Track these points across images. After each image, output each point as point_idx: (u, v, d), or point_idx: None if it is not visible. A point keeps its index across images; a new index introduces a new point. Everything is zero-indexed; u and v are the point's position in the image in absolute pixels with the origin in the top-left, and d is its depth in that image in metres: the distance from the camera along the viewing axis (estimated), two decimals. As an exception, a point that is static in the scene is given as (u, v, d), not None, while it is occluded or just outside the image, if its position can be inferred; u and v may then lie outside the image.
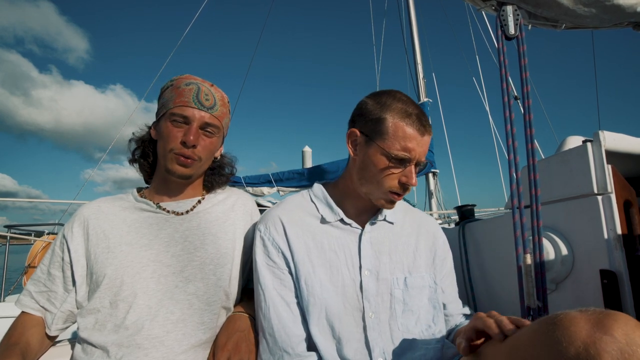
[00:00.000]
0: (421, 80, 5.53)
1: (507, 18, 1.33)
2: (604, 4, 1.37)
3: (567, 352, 0.48)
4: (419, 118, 0.93)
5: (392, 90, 1.00)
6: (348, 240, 0.99)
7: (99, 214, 1.03)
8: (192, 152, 1.01)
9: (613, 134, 1.28)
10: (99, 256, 0.96)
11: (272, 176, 5.12)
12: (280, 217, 0.99)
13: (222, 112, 1.08)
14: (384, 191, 0.95)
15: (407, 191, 0.96)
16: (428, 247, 1.07)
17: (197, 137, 1.02)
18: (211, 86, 1.08)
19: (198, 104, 1.02)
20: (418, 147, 0.92)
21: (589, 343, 0.47)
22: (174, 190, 1.09)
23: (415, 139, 0.92)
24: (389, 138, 0.92)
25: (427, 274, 1.03)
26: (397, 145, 0.91)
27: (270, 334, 0.91)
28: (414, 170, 0.93)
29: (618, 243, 1.18)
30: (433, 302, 1.01)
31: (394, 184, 0.94)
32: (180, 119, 1.01)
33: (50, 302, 0.98)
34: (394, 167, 0.93)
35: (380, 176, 0.94)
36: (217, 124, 1.06)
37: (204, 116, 1.03)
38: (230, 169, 1.21)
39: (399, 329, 0.95)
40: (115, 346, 0.88)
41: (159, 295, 0.93)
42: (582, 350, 0.47)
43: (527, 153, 1.22)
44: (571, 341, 0.48)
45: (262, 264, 0.97)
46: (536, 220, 1.19)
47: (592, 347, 0.46)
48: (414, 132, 0.91)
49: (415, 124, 0.92)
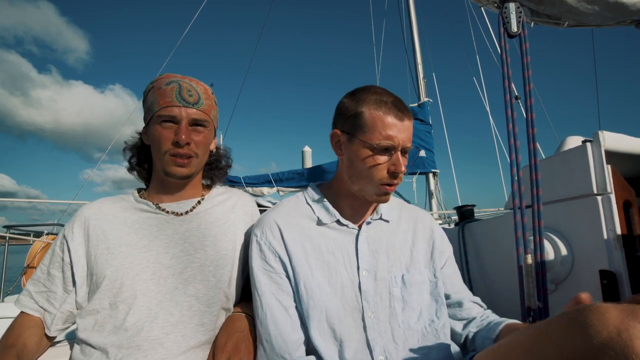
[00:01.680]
0: (421, 80, 5.52)
1: (509, 15, 1.32)
2: (608, 2, 1.37)
3: (600, 336, 0.51)
4: (395, 105, 0.93)
5: (367, 85, 1.00)
6: (345, 241, 0.99)
7: (100, 215, 1.02)
8: (187, 150, 1.01)
9: (612, 134, 1.28)
10: (99, 257, 0.96)
11: (272, 176, 5.12)
12: (277, 221, 0.99)
13: (207, 105, 1.07)
14: (375, 184, 0.94)
15: (397, 180, 0.94)
16: (426, 241, 1.07)
17: (188, 134, 1.01)
18: (191, 81, 1.06)
19: (183, 102, 1.01)
20: (400, 134, 0.92)
21: (622, 329, 0.50)
22: (173, 191, 1.09)
23: (395, 126, 0.92)
24: (369, 130, 0.92)
25: (426, 269, 1.03)
26: (378, 135, 0.91)
27: (267, 340, 0.91)
28: (400, 156, 0.93)
29: (618, 243, 1.18)
30: (435, 296, 1.01)
31: (383, 175, 0.93)
32: (168, 119, 1.00)
33: (49, 302, 0.98)
34: (380, 158, 0.93)
35: (368, 170, 0.94)
36: (206, 118, 1.05)
37: (191, 112, 1.02)
38: (227, 161, 1.21)
39: (399, 327, 0.94)
40: (115, 347, 0.88)
41: (159, 297, 0.93)
42: (615, 334, 0.50)
43: (529, 153, 1.22)
44: (605, 326, 0.51)
45: (259, 269, 0.96)
46: (537, 221, 1.18)
47: (624, 333, 0.49)
48: (393, 118, 0.92)
49: (392, 110, 0.92)
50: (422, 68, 5.62)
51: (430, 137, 4.99)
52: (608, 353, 0.50)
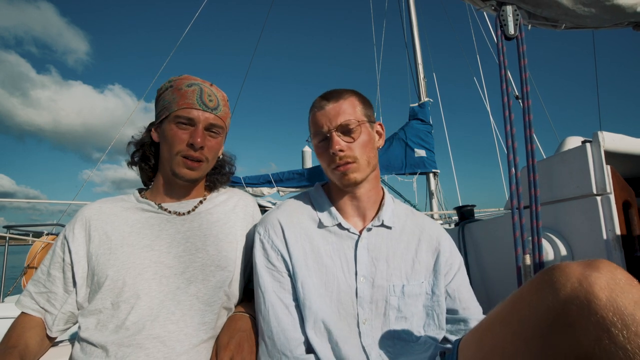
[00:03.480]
0: (422, 80, 5.52)
1: (506, 18, 1.33)
2: (604, 4, 1.37)
3: (565, 288, 0.59)
4: (320, 99, 1.02)
5: None
6: (344, 246, 0.99)
7: (101, 215, 1.03)
8: (200, 153, 1.02)
9: (612, 134, 1.28)
10: (101, 257, 0.96)
11: (272, 176, 5.12)
12: (280, 220, 1.00)
13: (224, 112, 1.10)
14: (331, 172, 1.00)
15: (344, 160, 0.97)
16: (430, 253, 1.05)
17: (203, 138, 1.02)
18: (211, 86, 1.08)
19: (203, 106, 1.03)
20: (325, 118, 0.98)
21: (581, 279, 0.58)
22: (177, 192, 1.09)
23: (320, 115, 0.99)
24: (311, 133, 1.04)
25: (426, 281, 1.02)
26: (313, 133, 1.02)
27: (269, 337, 0.92)
28: (335, 137, 0.97)
29: (617, 244, 1.18)
30: (427, 309, 1.00)
31: (332, 159, 0.98)
32: (186, 120, 1.02)
33: (50, 303, 0.98)
34: (322, 149, 1.01)
35: (323, 163, 1.03)
36: (222, 124, 1.08)
37: (209, 117, 1.04)
38: (229, 167, 1.22)
39: (391, 336, 0.95)
40: (115, 345, 0.88)
41: (161, 296, 0.93)
42: (577, 284, 0.58)
43: (527, 154, 1.22)
44: (568, 278, 0.59)
45: (262, 267, 0.97)
46: (535, 221, 1.18)
47: (584, 281, 0.57)
48: (316, 111, 1.01)
49: (316, 105, 1.02)
50: (423, 68, 5.62)
51: (430, 137, 4.99)
52: (574, 302, 0.58)
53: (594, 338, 0.55)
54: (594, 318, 0.55)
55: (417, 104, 5.18)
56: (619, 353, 0.53)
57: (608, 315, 0.54)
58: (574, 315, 0.57)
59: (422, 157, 4.90)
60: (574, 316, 0.57)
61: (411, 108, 5.13)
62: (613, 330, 0.54)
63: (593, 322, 0.55)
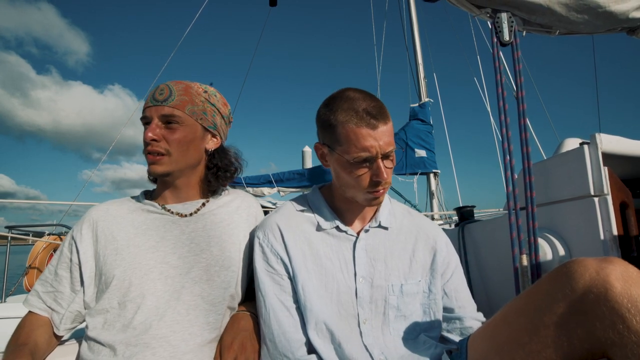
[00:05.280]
0: (422, 81, 5.51)
1: (501, 25, 1.34)
2: (597, 11, 1.38)
3: (583, 278, 0.65)
4: (367, 112, 0.89)
5: (343, 89, 0.97)
6: (343, 248, 1.00)
7: (107, 216, 1.04)
8: (156, 147, 1.01)
9: (609, 136, 1.29)
10: (108, 258, 0.98)
11: (273, 176, 5.13)
12: (278, 224, 1.01)
13: (181, 100, 1.04)
14: (363, 192, 0.94)
15: (384, 185, 0.93)
16: (427, 251, 1.06)
17: (154, 131, 1.01)
18: (173, 82, 1.07)
19: (153, 101, 1.04)
20: (376, 142, 0.89)
21: (598, 270, 0.64)
22: (173, 192, 1.10)
23: (370, 135, 0.89)
24: (345, 144, 0.91)
25: (423, 280, 1.03)
26: (353, 148, 0.90)
27: (270, 340, 0.93)
28: (381, 164, 0.91)
29: (614, 244, 1.19)
30: (424, 308, 1.01)
31: (367, 184, 0.93)
32: (145, 120, 1.04)
33: (57, 302, 1.00)
34: (361, 169, 0.92)
35: (352, 181, 0.94)
36: (176, 113, 1.03)
37: (159, 109, 1.03)
38: (228, 165, 1.16)
39: (391, 334, 0.97)
40: (123, 345, 0.90)
41: (166, 296, 0.95)
42: (595, 274, 0.64)
43: (522, 156, 1.24)
44: (586, 269, 0.65)
45: (262, 271, 0.99)
46: (532, 222, 1.20)
47: (602, 272, 0.63)
48: (365, 129, 0.89)
49: (364, 119, 0.89)
50: (423, 68, 5.62)
51: (431, 137, 4.99)
52: (592, 290, 0.63)
53: (609, 323, 0.61)
54: (610, 304, 0.61)
55: (417, 104, 5.18)
56: (632, 337, 0.59)
57: (623, 302, 0.60)
58: (591, 302, 0.63)
59: (423, 158, 4.90)
60: (591, 303, 0.63)
61: (411, 108, 5.13)
62: (627, 316, 0.59)
63: (609, 308, 0.61)
